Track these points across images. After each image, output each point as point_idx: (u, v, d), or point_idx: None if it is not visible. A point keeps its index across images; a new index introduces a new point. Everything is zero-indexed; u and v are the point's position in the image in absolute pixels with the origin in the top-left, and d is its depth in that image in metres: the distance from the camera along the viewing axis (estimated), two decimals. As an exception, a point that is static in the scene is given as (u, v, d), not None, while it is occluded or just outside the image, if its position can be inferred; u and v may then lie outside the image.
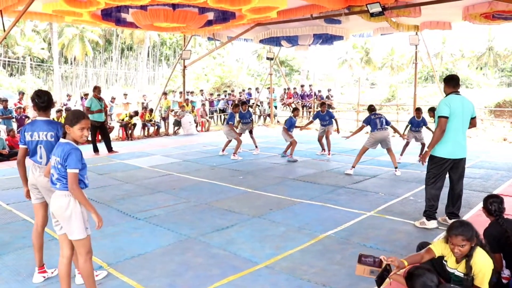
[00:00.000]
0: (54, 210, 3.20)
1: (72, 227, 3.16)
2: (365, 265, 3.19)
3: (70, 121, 3.13)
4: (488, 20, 10.77)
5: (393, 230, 5.13)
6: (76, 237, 3.18)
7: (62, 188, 3.16)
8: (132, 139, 14.68)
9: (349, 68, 49.70)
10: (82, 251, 3.22)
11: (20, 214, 5.68)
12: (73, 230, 3.17)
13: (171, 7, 9.31)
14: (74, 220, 3.14)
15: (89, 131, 3.90)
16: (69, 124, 3.13)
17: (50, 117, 3.84)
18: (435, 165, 5.12)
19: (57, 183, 3.18)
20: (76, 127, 3.13)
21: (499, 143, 13.17)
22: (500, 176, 8.09)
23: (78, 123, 3.13)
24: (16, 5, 8.90)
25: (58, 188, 3.18)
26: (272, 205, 6.26)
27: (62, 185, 3.16)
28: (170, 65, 53.66)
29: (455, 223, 3.13)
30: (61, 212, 3.15)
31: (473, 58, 46.30)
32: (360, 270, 3.20)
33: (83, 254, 3.22)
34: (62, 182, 3.15)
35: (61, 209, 3.14)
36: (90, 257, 3.27)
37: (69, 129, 3.14)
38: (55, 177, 3.18)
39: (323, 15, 11.35)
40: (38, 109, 3.77)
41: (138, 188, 7.45)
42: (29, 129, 3.74)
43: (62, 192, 3.16)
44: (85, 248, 3.23)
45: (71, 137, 3.17)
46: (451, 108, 4.92)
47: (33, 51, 43.15)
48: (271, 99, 20.29)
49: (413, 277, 2.90)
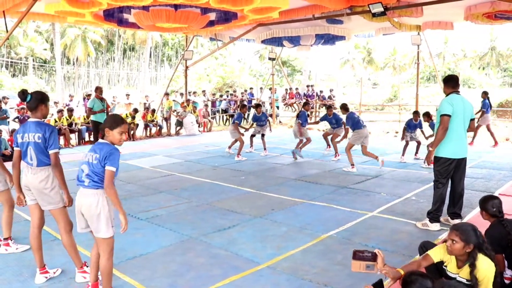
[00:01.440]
0: (83, 208, 3.27)
1: (100, 225, 3.25)
2: (360, 260, 3.16)
3: (110, 125, 3.27)
4: (490, 20, 10.75)
5: (395, 230, 5.12)
6: (103, 236, 3.27)
7: (92, 186, 3.23)
8: (134, 140, 14.70)
9: (351, 68, 49.69)
10: (106, 249, 3.33)
11: (22, 215, 5.69)
12: (100, 228, 3.26)
13: (173, 8, 9.31)
14: (102, 219, 3.24)
15: (127, 135, 4.11)
16: (109, 127, 3.26)
17: (41, 118, 3.81)
18: (441, 166, 5.09)
19: (85, 180, 3.24)
20: (116, 131, 3.27)
21: (501, 143, 13.13)
22: (502, 176, 8.07)
23: (118, 127, 3.28)
24: (18, 6, 8.92)
25: (86, 186, 3.24)
26: (274, 205, 6.26)
27: (91, 183, 3.23)
28: (172, 65, 53.70)
29: (461, 222, 3.13)
30: (90, 210, 3.23)
31: (476, 58, 46.21)
32: (356, 266, 3.18)
33: (106, 252, 3.33)
34: (92, 179, 3.22)
35: (90, 207, 3.23)
36: (112, 255, 3.37)
37: (109, 132, 3.27)
38: (85, 173, 3.24)
39: (325, 15, 11.34)
40: (28, 110, 3.80)
41: (140, 188, 7.46)
42: (20, 130, 3.77)
43: (92, 191, 3.23)
44: (109, 246, 3.33)
45: (109, 140, 3.29)
46: (454, 107, 4.91)
47: (35, 51, 43.25)
48: (273, 99, 20.29)
49: (407, 284, 2.85)
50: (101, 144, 3.28)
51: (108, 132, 3.27)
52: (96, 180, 3.21)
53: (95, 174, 3.21)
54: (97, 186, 3.22)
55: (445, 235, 4.91)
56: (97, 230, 3.27)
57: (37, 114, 3.76)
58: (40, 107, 3.76)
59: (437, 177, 5.17)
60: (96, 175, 3.21)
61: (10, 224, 4.56)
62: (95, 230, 3.29)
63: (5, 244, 4.51)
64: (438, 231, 5.06)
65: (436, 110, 5.51)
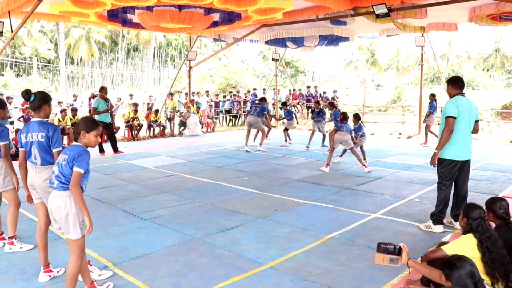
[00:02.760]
0: (52, 209, 3.29)
1: (68, 227, 3.24)
2: (384, 253, 3.12)
3: (87, 128, 3.27)
4: (495, 21, 10.71)
5: (398, 232, 5.12)
6: (71, 237, 3.26)
7: (59, 188, 3.22)
8: (137, 140, 14.73)
9: (354, 69, 49.59)
10: (75, 251, 3.29)
11: (26, 214, 5.72)
12: (69, 230, 3.25)
13: (177, 8, 9.34)
14: (70, 220, 3.23)
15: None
16: (85, 130, 3.27)
17: (44, 118, 3.86)
18: (446, 168, 5.06)
19: (55, 181, 3.23)
20: (92, 134, 3.29)
21: (505, 145, 13.09)
22: (506, 178, 8.04)
23: (94, 130, 3.29)
24: (23, 6, 8.96)
25: (55, 188, 3.24)
26: (277, 206, 6.26)
27: (59, 184, 3.22)
28: (175, 66, 53.80)
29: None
30: (58, 212, 3.24)
31: (480, 59, 46.02)
32: (380, 259, 3.13)
33: (75, 254, 3.30)
34: (61, 180, 3.21)
35: (58, 210, 3.23)
36: (82, 257, 3.34)
37: (85, 134, 3.27)
38: (55, 174, 3.24)
39: (329, 16, 11.34)
40: (31, 109, 3.84)
41: (144, 189, 7.47)
42: (24, 130, 3.84)
43: (59, 193, 3.23)
44: (78, 248, 3.30)
45: (83, 142, 3.29)
46: (459, 109, 4.88)
47: (39, 51, 43.44)
48: (276, 100, 20.29)
49: (452, 267, 2.74)
50: (73, 146, 3.28)
51: (84, 134, 3.27)
52: (63, 181, 3.20)
53: (63, 175, 3.20)
54: (64, 188, 3.20)
55: (448, 237, 4.90)
56: (66, 232, 3.27)
57: (40, 114, 3.81)
58: (43, 107, 3.80)
59: (441, 179, 5.15)
60: (64, 176, 3.20)
61: (15, 223, 4.59)
62: (65, 232, 3.28)
63: (10, 243, 4.54)
64: (441, 233, 5.05)
65: (441, 111, 5.48)
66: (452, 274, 2.71)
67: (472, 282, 2.66)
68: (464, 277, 2.66)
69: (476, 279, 2.67)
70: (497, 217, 3.60)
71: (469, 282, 2.65)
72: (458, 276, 2.68)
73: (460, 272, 2.68)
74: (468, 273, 2.67)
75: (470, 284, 2.65)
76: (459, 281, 2.67)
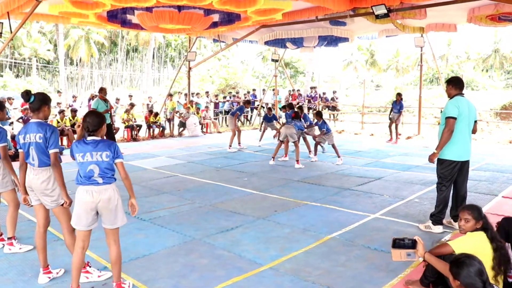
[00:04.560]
0: (100, 204, 3.46)
1: (117, 215, 3.54)
2: (400, 248, 3.09)
3: (103, 121, 3.51)
4: (494, 22, 10.72)
5: (398, 232, 5.11)
6: (120, 224, 3.59)
7: (108, 182, 3.45)
8: (137, 140, 14.72)
9: (354, 70, 49.63)
10: (117, 238, 3.58)
11: (25, 215, 5.70)
12: (117, 219, 3.55)
13: (177, 9, 9.34)
14: (119, 209, 3.54)
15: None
16: (102, 123, 3.50)
17: (43, 119, 3.85)
18: (446, 169, 5.06)
19: (99, 179, 3.41)
20: (104, 126, 3.53)
21: (505, 145, 13.10)
22: (506, 179, 8.04)
23: (104, 122, 3.53)
24: (23, 7, 8.96)
25: (101, 184, 3.43)
26: (277, 207, 6.26)
27: (107, 179, 3.44)
28: (175, 66, 53.78)
29: (468, 204, 3.39)
30: (108, 204, 3.45)
31: (479, 60, 46.05)
32: (397, 255, 3.09)
33: (118, 241, 3.58)
34: (107, 176, 3.42)
35: (108, 201, 3.45)
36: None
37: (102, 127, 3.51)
38: (96, 174, 3.39)
39: (328, 17, 11.34)
40: (30, 110, 3.82)
41: (143, 189, 7.47)
42: (22, 131, 3.81)
43: (108, 186, 3.45)
44: (118, 234, 3.60)
45: (101, 134, 3.51)
46: (459, 110, 4.88)
47: (39, 52, 43.39)
48: (275, 101, 20.30)
49: (460, 265, 2.69)
50: (101, 141, 3.48)
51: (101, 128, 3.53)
52: (110, 176, 3.49)
53: (108, 169, 3.46)
54: (111, 180, 3.50)
55: (448, 237, 4.90)
56: (113, 222, 3.55)
57: (39, 115, 3.80)
58: (43, 108, 3.79)
59: (440, 180, 5.14)
60: (110, 171, 3.48)
61: (15, 224, 4.58)
62: (111, 222, 3.54)
63: (9, 243, 4.53)
64: (441, 234, 5.05)
65: (441, 112, 5.48)
66: (460, 272, 2.66)
67: (480, 280, 2.62)
68: (472, 275, 2.62)
69: (484, 277, 2.64)
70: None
71: (477, 280, 2.61)
72: (466, 274, 2.64)
73: (469, 270, 2.64)
74: (477, 271, 2.63)
75: (478, 282, 2.61)
76: (468, 279, 2.63)
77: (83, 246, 3.51)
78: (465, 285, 2.63)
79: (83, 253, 3.52)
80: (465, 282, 2.63)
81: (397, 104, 13.63)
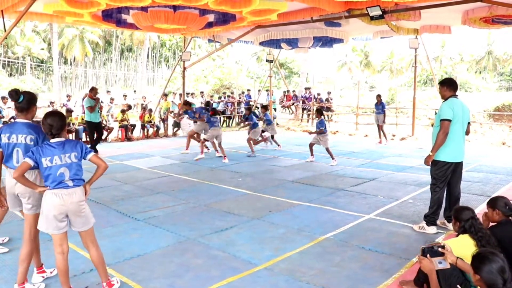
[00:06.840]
0: (71, 207, 3.34)
1: (87, 217, 3.45)
2: (433, 256, 3.05)
3: (65, 123, 3.42)
4: (488, 24, 10.80)
5: (392, 233, 5.14)
6: (90, 225, 3.48)
7: (77, 185, 3.38)
8: (131, 140, 14.68)
9: (348, 71, 49.74)
10: (94, 238, 3.51)
11: (19, 214, 5.65)
12: (89, 220, 3.46)
13: (172, 9, 9.32)
14: (87, 211, 3.44)
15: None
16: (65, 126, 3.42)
17: (31, 119, 3.64)
18: (440, 170, 5.08)
19: (70, 182, 3.34)
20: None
21: (498, 147, 13.20)
22: (499, 180, 8.10)
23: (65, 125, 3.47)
24: (17, 6, 8.90)
25: (72, 186, 3.34)
26: (271, 207, 6.27)
27: (77, 181, 3.39)
28: (169, 66, 53.68)
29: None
30: (78, 207, 3.36)
31: (472, 62, 46.37)
32: (428, 264, 3.06)
33: (95, 241, 3.52)
34: (77, 178, 3.39)
35: (79, 205, 3.37)
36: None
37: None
38: (67, 177, 3.31)
39: (323, 18, 11.36)
40: (17, 110, 3.61)
41: (138, 189, 7.45)
42: (6, 130, 3.56)
43: (77, 189, 3.37)
44: (94, 235, 3.53)
45: (65, 135, 3.45)
46: (454, 112, 4.90)
47: (33, 51, 43.15)
48: (270, 101, 20.32)
49: (483, 259, 2.60)
50: (67, 141, 3.42)
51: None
52: (80, 177, 3.47)
53: (78, 171, 3.46)
54: (81, 183, 3.45)
55: (441, 238, 4.93)
56: (84, 225, 3.49)
57: (27, 116, 3.60)
58: (32, 108, 3.62)
59: (434, 181, 5.17)
60: (81, 172, 3.48)
61: None
62: (82, 226, 3.48)
63: None
64: (434, 234, 5.08)
65: (435, 113, 5.50)
66: (482, 267, 2.57)
67: (501, 278, 2.52)
68: (494, 272, 2.53)
69: (506, 275, 2.53)
70: (502, 214, 3.60)
71: (498, 277, 2.52)
72: (488, 269, 2.55)
73: (491, 266, 2.55)
74: (499, 268, 2.54)
75: (499, 279, 2.52)
76: (489, 274, 2.54)
77: (62, 250, 3.38)
78: (485, 280, 2.55)
79: (65, 258, 3.40)
80: (485, 278, 2.55)
81: (378, 105, 14.00)
